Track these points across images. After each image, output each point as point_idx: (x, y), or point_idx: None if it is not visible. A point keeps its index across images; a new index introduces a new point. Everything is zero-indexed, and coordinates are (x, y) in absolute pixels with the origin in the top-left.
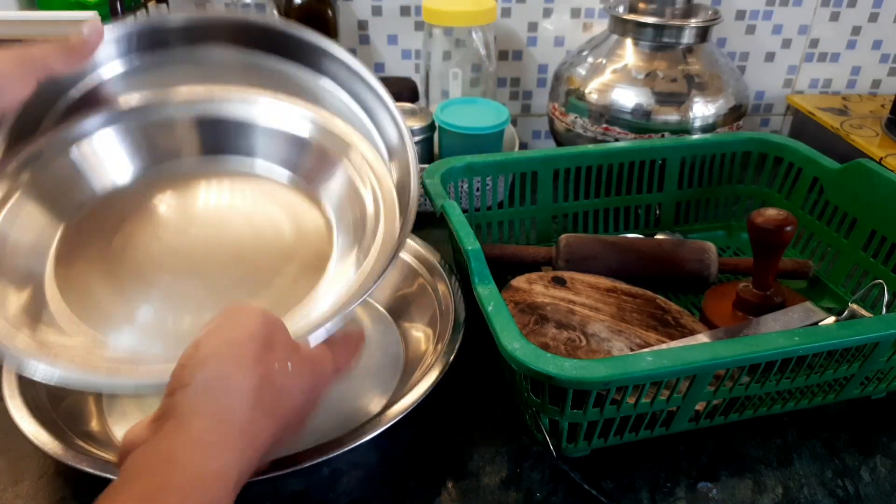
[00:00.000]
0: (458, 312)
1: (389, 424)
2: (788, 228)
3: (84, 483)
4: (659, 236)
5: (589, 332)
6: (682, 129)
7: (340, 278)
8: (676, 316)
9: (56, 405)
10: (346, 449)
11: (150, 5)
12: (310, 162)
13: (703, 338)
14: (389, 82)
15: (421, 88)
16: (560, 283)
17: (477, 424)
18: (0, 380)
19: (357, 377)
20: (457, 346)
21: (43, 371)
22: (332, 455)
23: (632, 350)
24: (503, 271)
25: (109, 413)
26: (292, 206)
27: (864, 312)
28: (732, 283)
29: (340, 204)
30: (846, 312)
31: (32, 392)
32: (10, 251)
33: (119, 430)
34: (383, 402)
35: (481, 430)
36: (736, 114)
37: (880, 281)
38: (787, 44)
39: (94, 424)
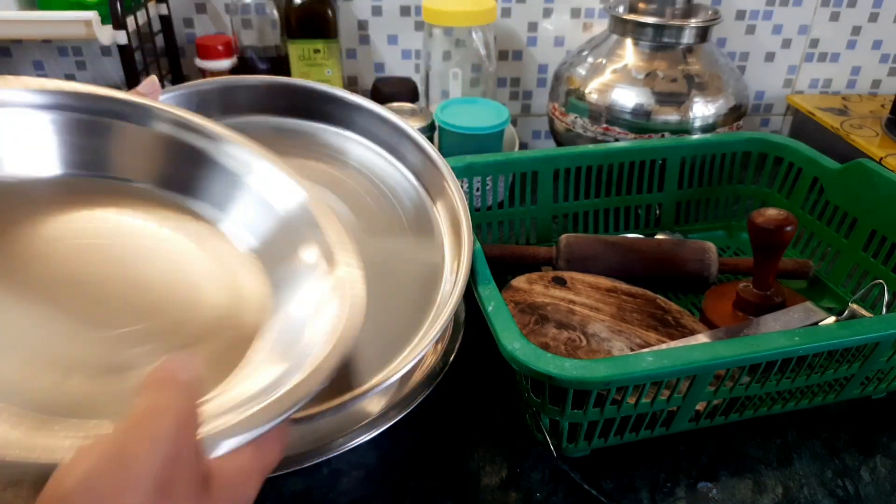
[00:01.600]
0: (459, 312)
1: (390, 424)
2: (789, 228)
3: None
4: (659, 236)
5: (589, 332)
6: (682, 129)
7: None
8: (677, 316)
9: None
10: (345, 449)
11: (150, 5)
12: (279, 239)
13: (703, 338)
14: (389, 82)
15: (421, 88)
16: (560, 283)
17: (477, 424)
18: None
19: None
20: (457, 346)
21: None
22: (332, 455)
23: (632, 350)
24: (503, 271)
25: None
26: (238, 273)
27: (864, 312)
28: (732, 283)
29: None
30: (846, 312)
31: None
32: None
33: None
34: (383, 402)
35: (481, 430)
36: (736, 114)
37: (880, 281)
38: (787, 44)
39: None
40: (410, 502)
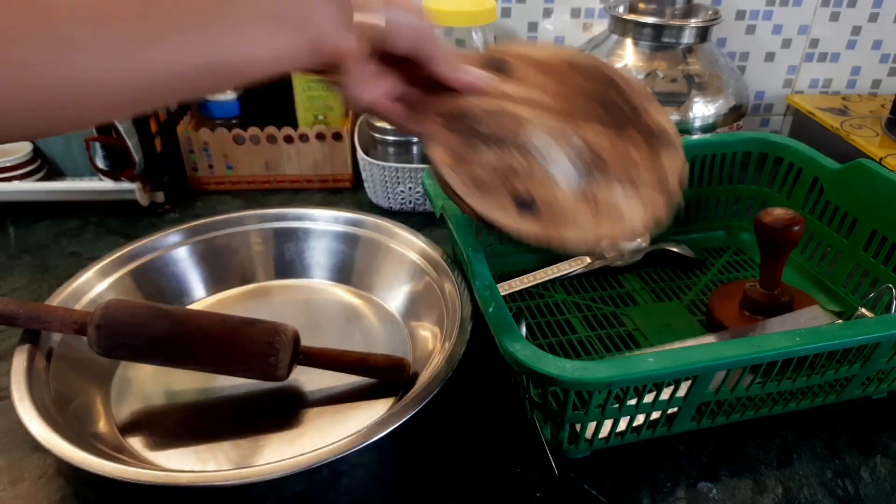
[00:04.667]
0: (464, 310)
1: (399, 423)
2: (796, 228)
3: (84, 483)
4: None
5: (527, 146)
6: (682, 129)
7: None
8: (638, 104)
9: (64, 407)
10: (356, 449)
11: None
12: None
13: (708, 339)
14: None
15: None
16: (499, 67)
17: (477, 424)
18: (9, 382)
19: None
20: (464, 346)
21: None
22: (341, 455)
23: (573, 160)
24: None
25: (117, 414)
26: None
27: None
28: (739, 282)
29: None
30: (854, 317)
31: (40, 394)
32: None
33: (128, 431)
34: (390, 402)
35: (482, 430)
36: (736, 114)
37: (889, 286)
38: (787, 44)
39: (102, 426)
40: (410, 502)
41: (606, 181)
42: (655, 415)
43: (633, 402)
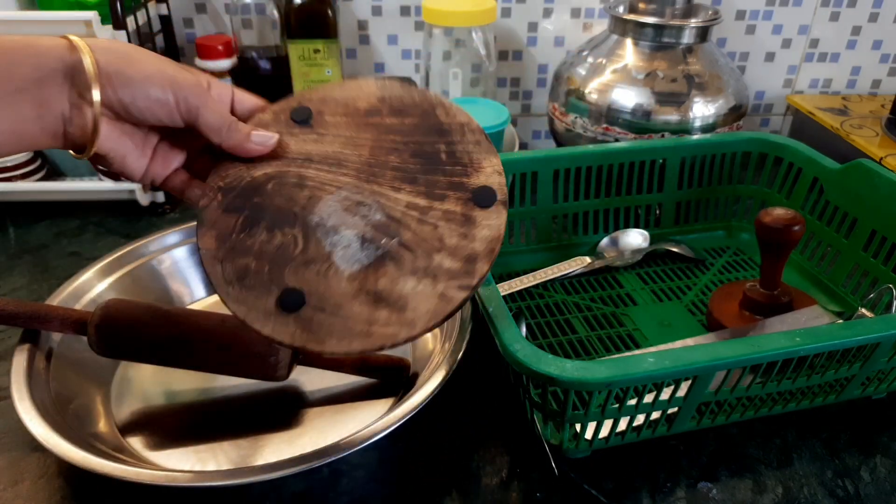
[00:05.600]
0: (464, 310)
1: (398, 424)
2: (797, 228)
3: (84, 483)
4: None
5: (313, 223)
6: (682, 129)
7: None
8: (456, 140)
9: (64, 407)
10: (355, 450)
11: (150, 5)
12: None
13: (708, 338)
14: None
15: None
16: (303, 119)
17: (478, 424)
18: (9, 382)
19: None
20: (464, 346)
21: None
22: (341, 455)
23: (364, 240)
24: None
25: (117, 414)
26: None
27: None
28: (739, 282)
29: None
30: (854, 317)
31: (40, 394)
32: None
33: (128, 431)
34: (390, 402)
35: (481, 430)
36: (736, 114)
37: (890, 286)
38: (787, 44)
39: (102, 426)
40: (410, 502)
41: (399, 269)
42: (655, 415)
43: (633, 402)
